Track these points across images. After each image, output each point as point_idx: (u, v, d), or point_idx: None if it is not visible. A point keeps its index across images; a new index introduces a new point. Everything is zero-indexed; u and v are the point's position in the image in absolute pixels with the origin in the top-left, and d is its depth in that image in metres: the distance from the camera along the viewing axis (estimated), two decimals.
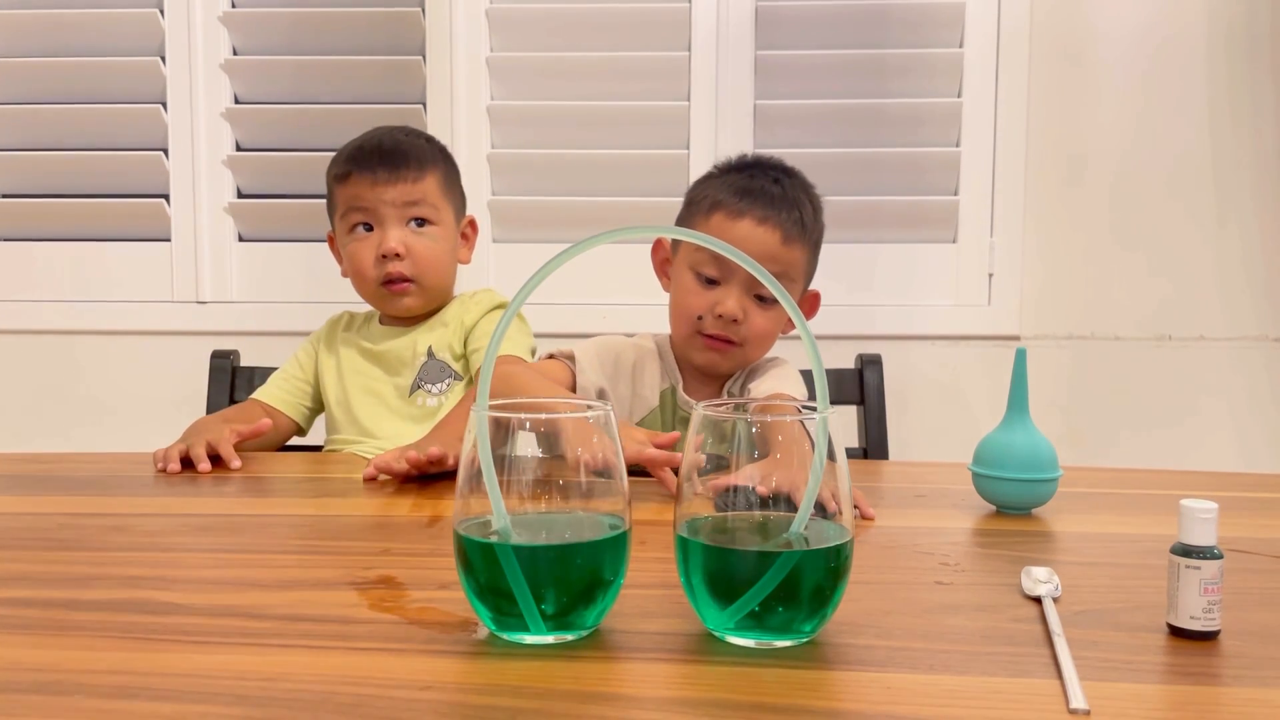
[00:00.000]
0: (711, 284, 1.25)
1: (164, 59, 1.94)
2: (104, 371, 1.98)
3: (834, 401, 0.74)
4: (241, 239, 1.99)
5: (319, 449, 1.45)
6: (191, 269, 1.96)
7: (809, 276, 1.32)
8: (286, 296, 1.95)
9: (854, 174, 1.86)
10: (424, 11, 1.91)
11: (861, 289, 1.89)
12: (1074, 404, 1.88)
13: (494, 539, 0.60)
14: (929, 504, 1.00)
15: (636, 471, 1.03)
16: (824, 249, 1.33)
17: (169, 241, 1.97)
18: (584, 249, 0.61)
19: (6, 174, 1.99)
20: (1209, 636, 0.62)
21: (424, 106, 1.92)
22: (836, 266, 1.76)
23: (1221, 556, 0.62)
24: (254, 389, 1.45)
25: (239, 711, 0.52)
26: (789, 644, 0.60)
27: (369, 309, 1.50)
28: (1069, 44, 1.86)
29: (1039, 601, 0.68)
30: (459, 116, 1.90)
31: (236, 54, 1.96)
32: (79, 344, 1.98)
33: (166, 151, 1.95)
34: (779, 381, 1.28)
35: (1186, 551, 0.62)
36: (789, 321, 1.24)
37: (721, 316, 1.23)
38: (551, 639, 0.60)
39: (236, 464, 1.14)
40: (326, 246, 1.49)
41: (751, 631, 0.60)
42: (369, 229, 1.40)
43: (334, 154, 1.43)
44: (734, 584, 0.59)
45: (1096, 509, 0.98)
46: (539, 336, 1.49)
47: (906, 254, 1.90)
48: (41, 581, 0.73)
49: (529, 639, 0.60)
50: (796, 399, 1.22)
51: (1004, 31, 1.85)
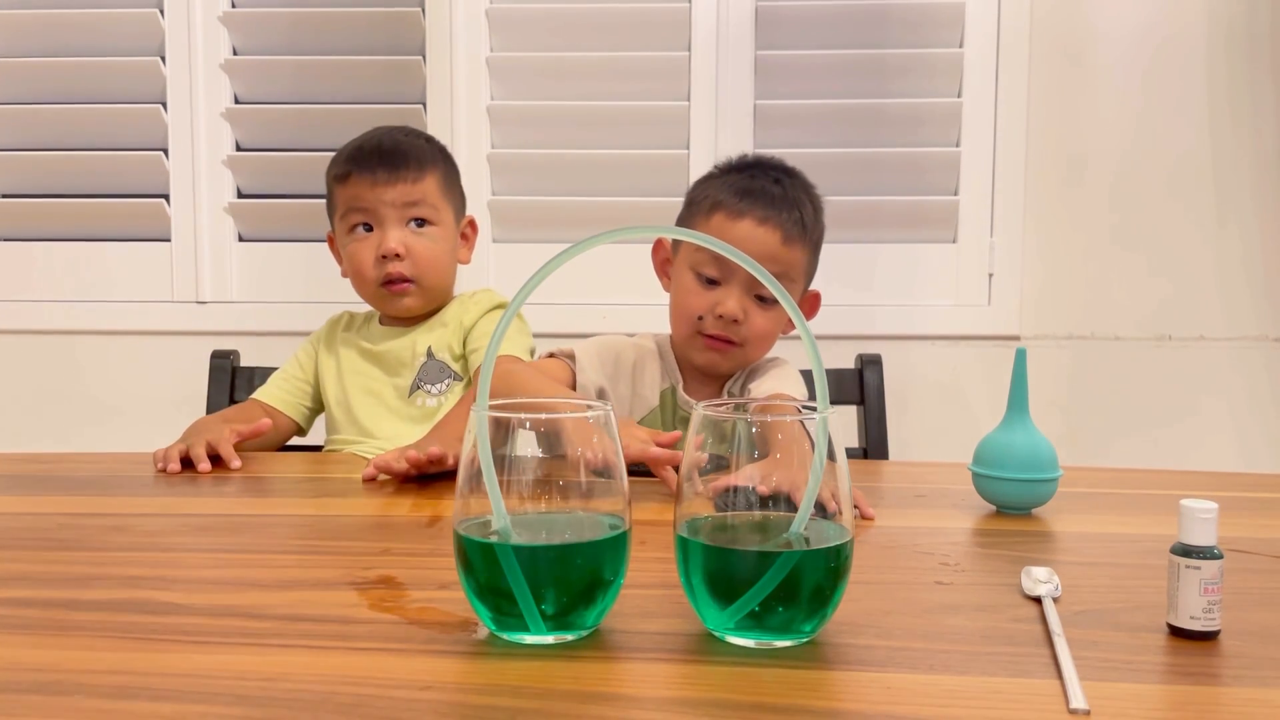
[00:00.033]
0: (712, 284, 1.25)
1: (164, 59, 1.94)
2: (104, 371, 1.98)
3: (834, 401, 0.74)
4: (241, 239, 1.99)
5: (319, 449, 1.45)
6: (191, 269, 1.96)
7: (809, 277, 1.32)
8: (286, 296, 1.95)
9: (854, 174, 1.86)
10: (424, 11, 1.91)
11: (861, 289, 1.89)
12: (1074, 404, 1.88)
13: (494, 539, 0.60)
14: (929, 504, 1.00)
15: (638, 470, 1.03)
16: (824, 249, 1.33)
17: (169, 241, 1.97)
18: (584, 249, 0.61)
19: (6, 174, 1.99)
20: (1209, 636, 0.62)
21: (424, 106, 1.92)
22: (836, 266, 1.76)
23: (1221, 556, 0.62)
24: (254, 389, 1.45)
25: (239, 711, 0.52)
26: (789, 644, 0.60)
27: (369, 309, 1.50)
28: (1069, 44, 1.86)
29: (1039, 601, 0.68)
30: (459, 116, 1.90)
31: (236, 54, 1.96)
32: (79, 344, 1.98)
33: (166, 151, 1.95)
34: (779, 382, 1.28)
35: (1186, 551, 0.62)
36: (789, 322, 1.24)
37: (722, 317, 1.23)
38: (551, 639, 0.60)
39: (236, 464, 1.14)
40: (326, 246, 1.49)
41: (751, 631, 0.60)
42: (369, 229, 1.40)
43: (334, 154, 1.43)
44: (734, 584, 0.59)
45: (1096, 509, 0.98)
46: (539, 336, 1.49)
47: (906, 254, 1.90)
48: (41, 581, 0.73)
49: (529, 639, 0.60)
50: (797, 399, 1.22)
51: (1004, 31, 1.85)
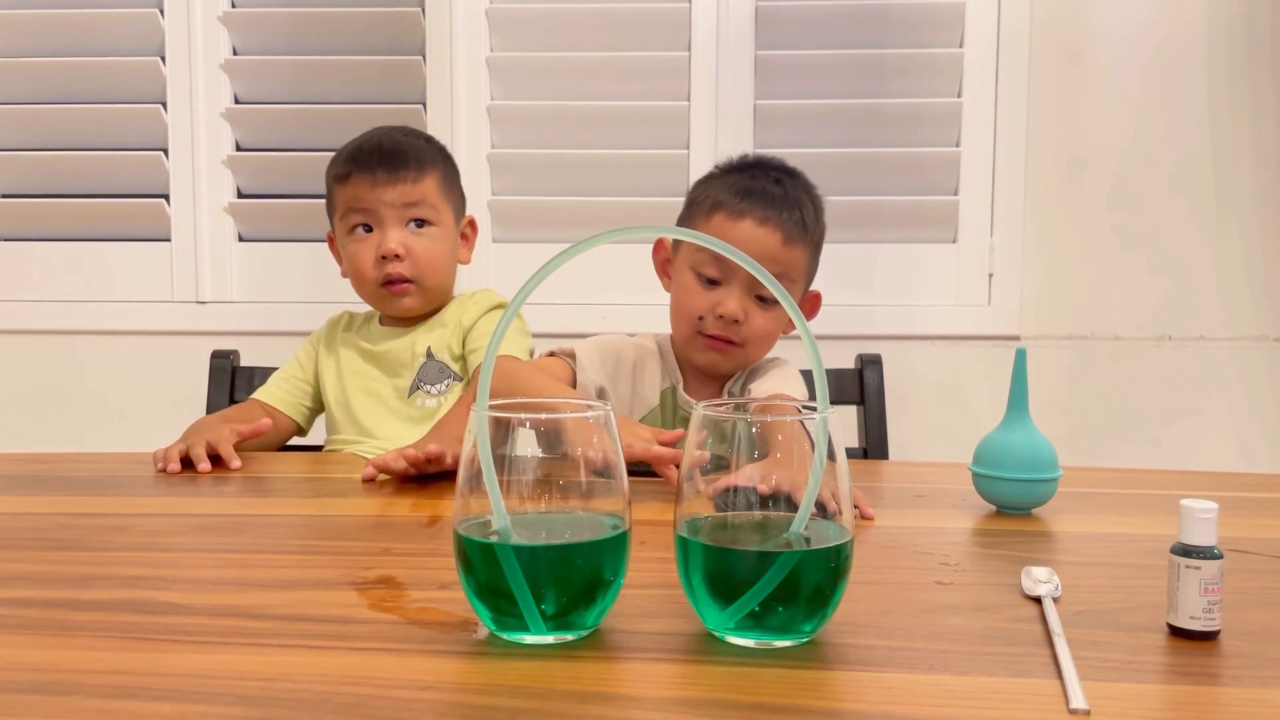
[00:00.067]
0: (712, 284, 1.25)
1: (164, 59, 1.94)
2: (104, 371, 1.98)
3: (834, 401, 0.74)
4: (241, 239, 1.99)
5: (319, 449, 1.45)
6: (191, 269, 1.96)
7: (810, 277, 1.32)
8: (286, 296, 1.95)
9: (854, 174, 1.86)
10: (424, 11, 1.91)
11: (861, 289, 1.89)
12: (1074, 404, 1.88)
13: (494, 539, 0.60)
14: (929, 504, 1.00)
15: (639, 470, 1.03)
16: (824, 249, 1.33)
17: (169, 241, 1.97)
18: (584, 249, 0.61)
19: (6, 174, 1.99)
20: (1209, 636, 0.62)
21: (424, 106, 1.92)
22: (837, 266, 1.76)
23: (1221, 556, 0.62)
24: (254, 389, 1.45)
25: (239, 711, 0.52)
26: (789, 644, 0.60)
27: (369, 309, 1.50)
28: (1069, 44, 1.86)
29: (1039, 601, 0.68)
30: (459, 116, 1.90)
31: (236, 54, 1.96)
32: (79, 344, 1.98)
33: (166, 151, 1.95)
34: (780, 382, 1.28)
35: (1186, 551, 0.62)
36: (790, 322, 1.24)
37: (722, 317, 1.23)
38: (551, 639, 0.60)
39: (236, 464, 1.14)
40: (326, 247, 1.49)
41: (751, 631, 0.60)
42: (368, 230, 1.40)
43: (334, 154, 1.43)
44: (734, 584, 0.59)
45: (1096, 509, 0.98)
46: (539, 336, 1.49)
47: (906, 254, 1.90)
48: (41, 581, 0.73)
49: (529, 639, 0.60)
50: (797, 399, 1.22)
51: (1004, 31, 1.85)
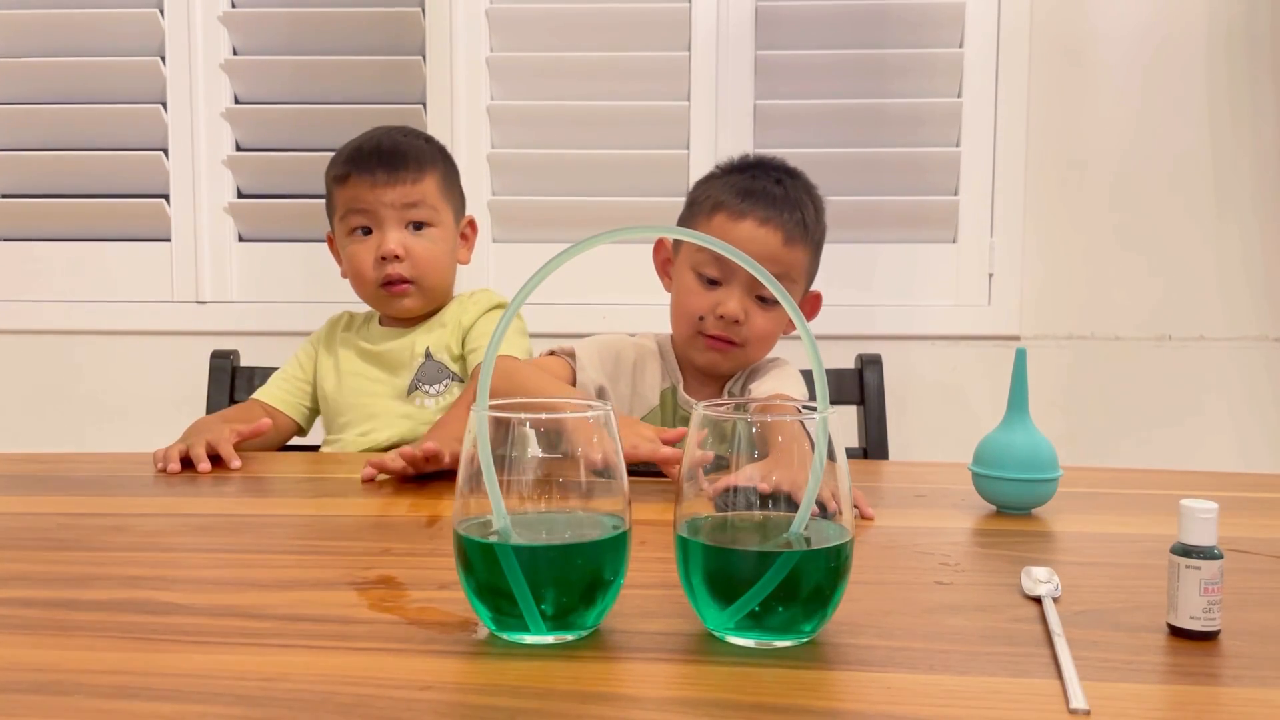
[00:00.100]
0: (713, 284, 1.25)
1: (164, 59, 1.94)
2: (104, 371, 1.98)
3: (834, 401, 0.74)
4: (241, 239, 1.99)
5: (319, 449, 1.45)
6: (191, 269, 1.96)
7: (810, 277, 1.32)
8: (286, 296, 1.95)
9: (854, 174, 1.86)
10: (424, 11, 1.91)
11: (861, 289, 1.89)
12: (1074, 404, 1.88)
13: (494, 539, 0.60)
14: (929, 504, 1.00)
15: (640, 470, 1.03)
16: (824, 249, 1.33)
17: (169, 241, 1.97)
18: (584, 249, 0.61)
19: (6, 174, 1.99)
20: (1209, 636, 0.62)
21: (424, 106, 1.92)
22: (837, 266, 1.76)
23: (1221, 556, 0.62)
24: (254, 389, 1.45)
25: (239, 711, 0.52)
26: (789, 644, 0.60)
27: (369, 309, 1.50)
28: (1069, 44, 1.86)
29: (1039, 601, 0.68)
30: (459, 116, 1.90)
31: (236, 54, 1.96)
32: (79, 344, 1.98)
33: (166, 151, 1.95)
34: (780, 382, 1.28)
35: (1186, 551, 0.62)
36: (790, 322, 1.24)
37: (723, 317, 1.23)
38: (551, 639, 0.60)
39: (236, 464, 1.14)
40: (326, 247, 1.49)
41: (751, 631, 0.60)
42: (368, 233, 1.39)
43: (333, 154, 1.43)
44: (734, 584, 0.59)
45: (1096, 509, 0.98)
46: (539, 336, 1.49)
47: (906, 254, 1.90)
48: (41, 581, 0.73)
49: (529, 639, 0.60)
50: (797, 399, 1.22)
51: (1004, 31, 1.85)
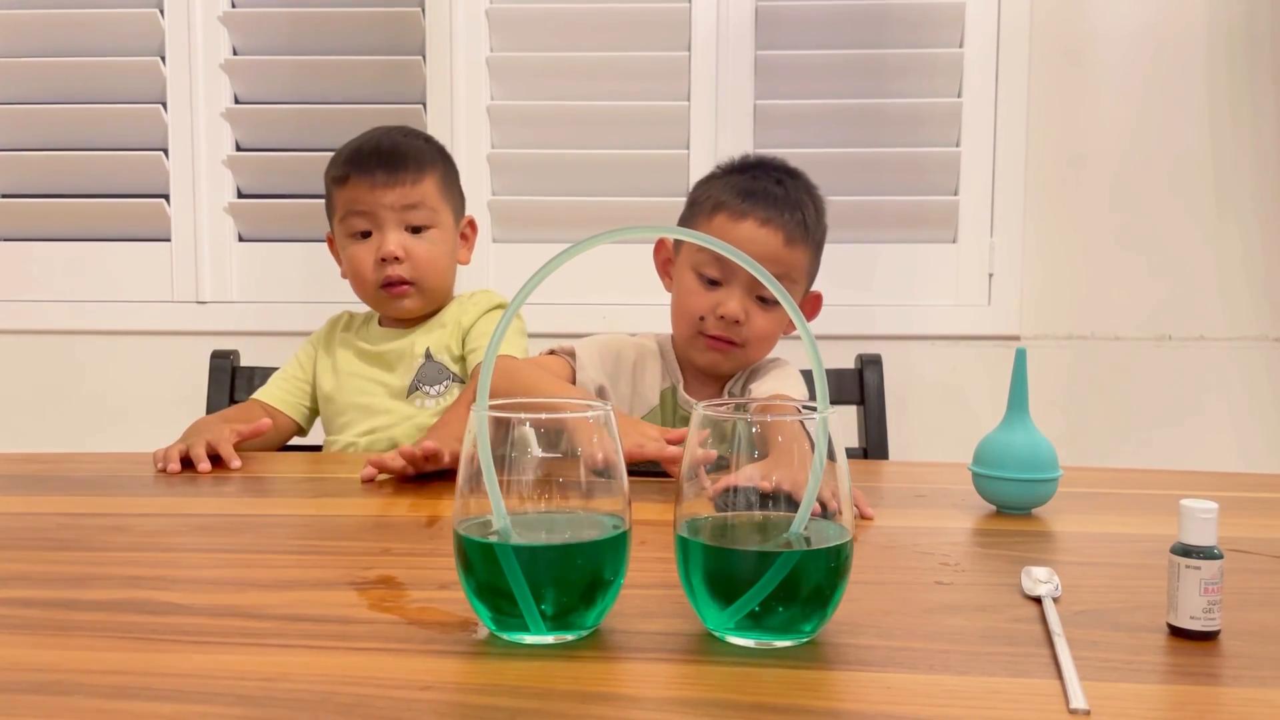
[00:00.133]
0: (713, 285, 1.25)
1: (164, 59, 1.94)
2: (104, 371, 1.98)
3: (834, 401, 0.74)
4: (241, 239, 1.99)
5: (319, 449, 1.45)
6: (191, 269, 1.96)
7: (811, 278, 1.32)
8: (286, 296, 1.95)
9: (854, 174, 1.86)
10: (424, 11, 1.91)
11: (861, 289, 1.89)
12: (1074, 404, 1.88)
13: (494, 539, 0.60)
14: (929, 504, 1.00)
15: (642, 469, 1.03)
16: (824, 249, 1.33)
17: (169, 241, 1.97)
18: (584, 249, 0.61)
19: (6, 174, 1.99)
20: (1209, 636, 0.62)
21: (424, 106, 1.92)
22: (837, 266, 1.76)
23: (1221, 556, 0.62)
24: (254, 389, 1.45)
25: (239, 711, 0.52)
26: (789, 644, 0.60)
27: (369, 309, 1.49)
28: (1069, 44, 1.86)
29: (1039, 601, 0.68)
30: (459, 116, 1.90)
31: (236, 54, 1.96)
32: (79, 344, 1.98)
33: (166, 151, 1.95)
34: (780, 382, 1.28)
35: (1186, 551, 0.62)
36: (790, 322, 1.24)
37: (723, 318, 1.23)
38: (551, 639, 0.60)
39: (236, 464, 1.14)
40: (326, 247, 1.49)
41: (751, 631, 0.60)
42: (367, 236, 1.39)
43: (332, 155, 1.43)
44: (734, 584, 0.59)
45: (1096, 509, 0.98)
46: (539, 336, 1.49)
47: (906, 254, 1.90)
48: (41, 581, 0.73)
49: (529, 639, 0.60)
50: (797, 399, 1.22)
51: (1004, 31, 1.85)
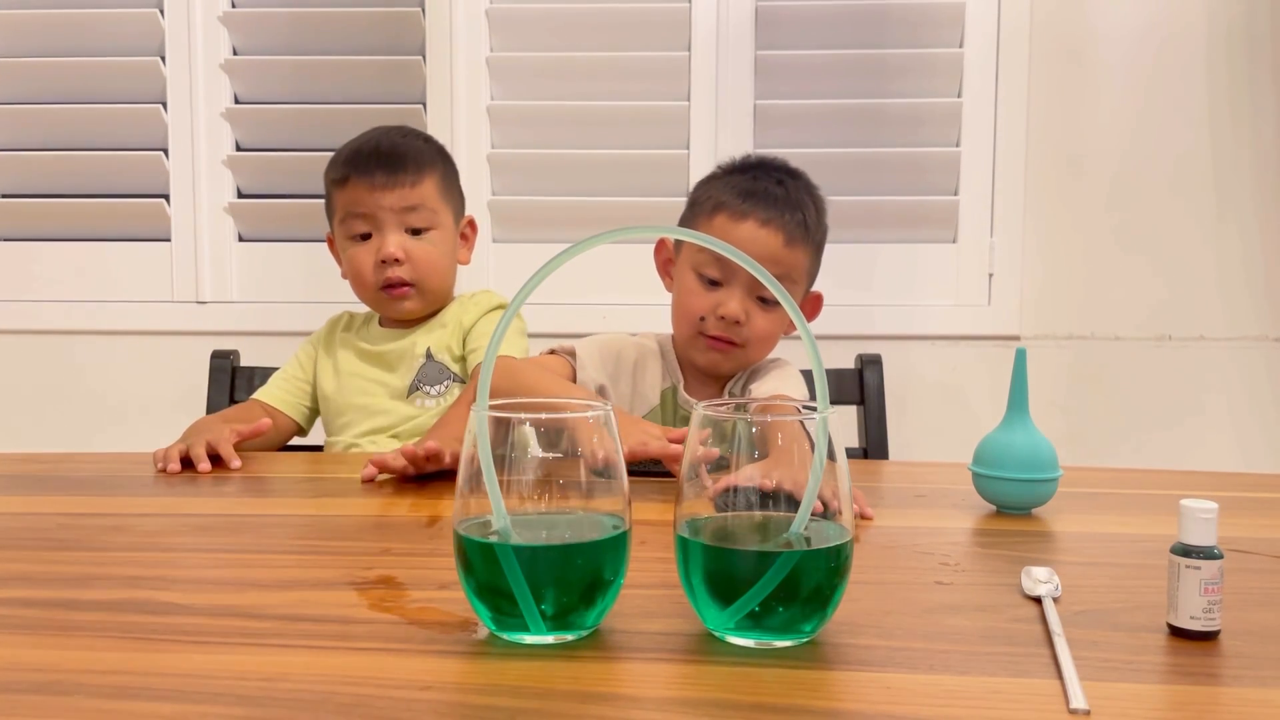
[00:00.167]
0: (714, 285, 1.25)
1: (164, 59, 1.94)
2: (104, 372, 1.98)
3: (834, 401, 0.74)
4: (241, 239, 1.99)
5: (319, 449, 1.45)
6: (191, 269, 1.96)
7: (812, 278, 1.32)
8: (286, 296, 1.95)
9: (854, 174, 1.86)
10: (424, 11, 1.91)
11: (861, 289, 1.89)
12: (1074, 404, 1.88)
13: (494, 539, 0.60)
14: (929, 504, 0.99)
15: (643, 469, 1.03)
16: (824, 249, 1.33)
17: (169, 241, 1.97)
18: (584, 249, 0.61)
19: (6, 174, 1.99)
20: (1209, 636, 0.62)
21: (424, 106, 1.92)
22: (836, 267, 1.76)
23: (1221, 556, 0.62)
24: (254, 389, 1.45)
25: (239, 711, 0.52)
26: (789, 644, 0.60)
27: (369, 309, 1.49)
28: (1069, 43, 1.86)
29: (1039, 601, 0.68)
30: (459, 116, 1.90)
31: (236, 54, 1.96)
32: (79, 344, 1.98)
33: (166, 151, 1.95)
34: (780, 382, 1.28)
35: (1186, 551, 0.62)
36: (791, 323, 1.24)
37: (724, 318, 1.23)
38: (551, 639, 0.60)
39: (236, 464, 1.14)
40: (326, 247, 1.49)
41: (751, 631, 0.60)
42: (367, 236, 1.39)
43: (331, 156, 1.43)
44: (734, 584, 0.59)
45: (1096, 509, 0.98)
46: (539, 336, 1.49)
47: (906, 254, 1.90)
48: (41, 581, 0.73)
49: (529, 639, 0.60)
50: (797, 399, 1.22)
51: (1004, 31, 1.85)
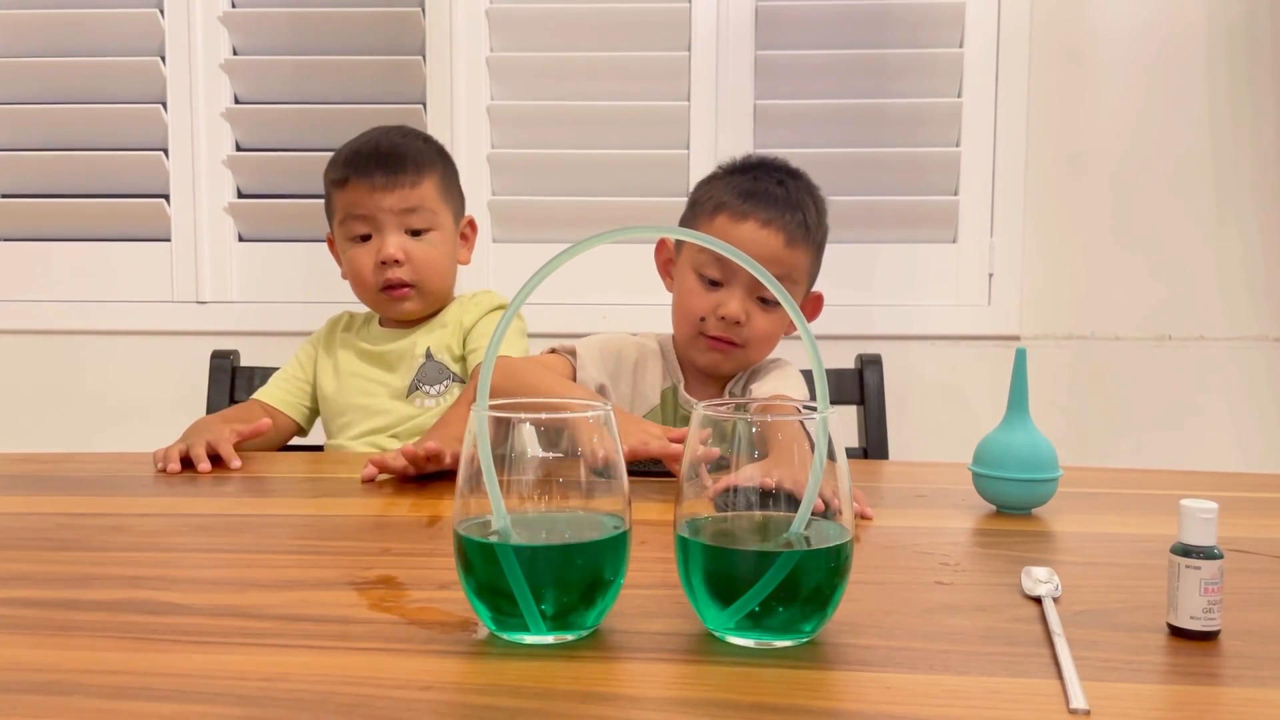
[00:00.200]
0: (714, 285, 1.25)
1: (164, 59, 1.94)
2: (104, 371, 1.98)
3: (834, 401, 0.74)
4: (241, 239, 1.99)
5: (319, 449, 1.45)
6: (191, 269, 1.96)
7: (812, 278, 1.32)
8: (286, 296, 1.95)
9: (854, 174, 1.86)
10: (424, 11, 1.91)
11: (861, 289, 1.89)
12: (1074, 404, 1.88)
13: (494, 539, 0.60)
14: (929, 504, 0.99)
15: (643, 468, 1.03)
16: (825, 249, 1.33)
17: (169, 241, 1.97)
18: (584, 249, 0.61)
19: (6, 174, 1.99)
20: (1209, 636, 0.62)
21: (424, 106, 1.92)
22: (837, 266, 1.76)
23: (1221, 556, 0.62)
24: (254, 389, 1.45)
25: (239, 711, 0.52)
26: (789, 644, 0.60)
27: (369, 309, 1.49)
28: (1069, 43, 1.86)
29: (1039, 601, 0.68)
30: (459, 116, 1.90)
31: (236, 54, 1.96)
32: (80, 344, 1.98)
33: (166, 151, 1.95)
34: (781, 383, 1.28)
35: (1186, 551, 0.62)
36: (791, 323, 1.24)
37: (724, 318, 1.23)
38: (551, 639, 0.60)
39: (236, 464, 1.14)
40: (326, 247, 1.49)
41: (751, 631, 0.60)
42: (367, 237, 1.39)
43: (331, 156, 1.42)
44: (734, 584, 0.59)
45: (1096, 509, 0.98)
46: (539, 336, 1.49)
47: (906, 254, 1.90)
48: (41, 581, 0.73)
49: (529, 639, 0.60)
50: (797, 399, 1.22)
51: (1004, 31, 1.85)
